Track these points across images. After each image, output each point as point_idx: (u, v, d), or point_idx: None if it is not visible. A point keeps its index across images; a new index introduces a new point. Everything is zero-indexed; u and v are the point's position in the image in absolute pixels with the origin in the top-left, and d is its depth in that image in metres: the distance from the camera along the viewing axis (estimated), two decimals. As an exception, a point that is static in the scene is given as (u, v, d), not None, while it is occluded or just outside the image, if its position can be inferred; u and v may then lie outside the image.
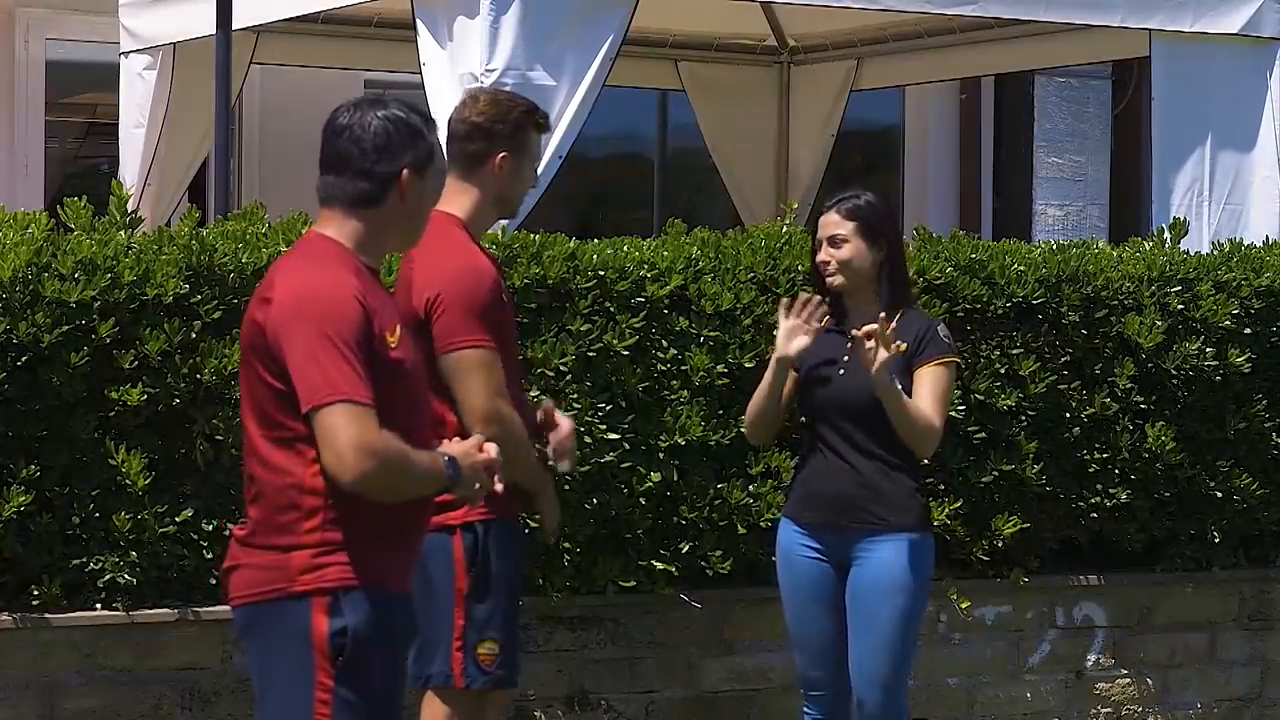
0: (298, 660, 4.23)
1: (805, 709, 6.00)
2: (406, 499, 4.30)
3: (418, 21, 8.19)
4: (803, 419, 6.02)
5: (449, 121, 5.50)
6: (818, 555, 5.90)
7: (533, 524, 5.94)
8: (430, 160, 4.44)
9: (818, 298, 5.86)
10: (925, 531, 5.89)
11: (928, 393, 5.80)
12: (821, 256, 5.90)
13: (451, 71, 8.00)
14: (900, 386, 5.73)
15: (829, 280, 5.90)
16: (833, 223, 5.89)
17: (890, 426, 5.76)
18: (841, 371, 5.85)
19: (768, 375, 5.93)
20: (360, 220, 4.38)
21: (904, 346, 5.74)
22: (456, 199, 5.41)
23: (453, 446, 4.43)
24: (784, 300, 5.93)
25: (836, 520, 5.85)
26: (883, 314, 5.68)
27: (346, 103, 4.46)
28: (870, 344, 5.63)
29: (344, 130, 4.39)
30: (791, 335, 5.82)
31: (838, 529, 5.85)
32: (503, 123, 5.45)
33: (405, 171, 4.38)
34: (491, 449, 4.47)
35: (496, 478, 4.50)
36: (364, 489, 4.18)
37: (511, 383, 5.46)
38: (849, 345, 5.82)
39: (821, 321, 5.85)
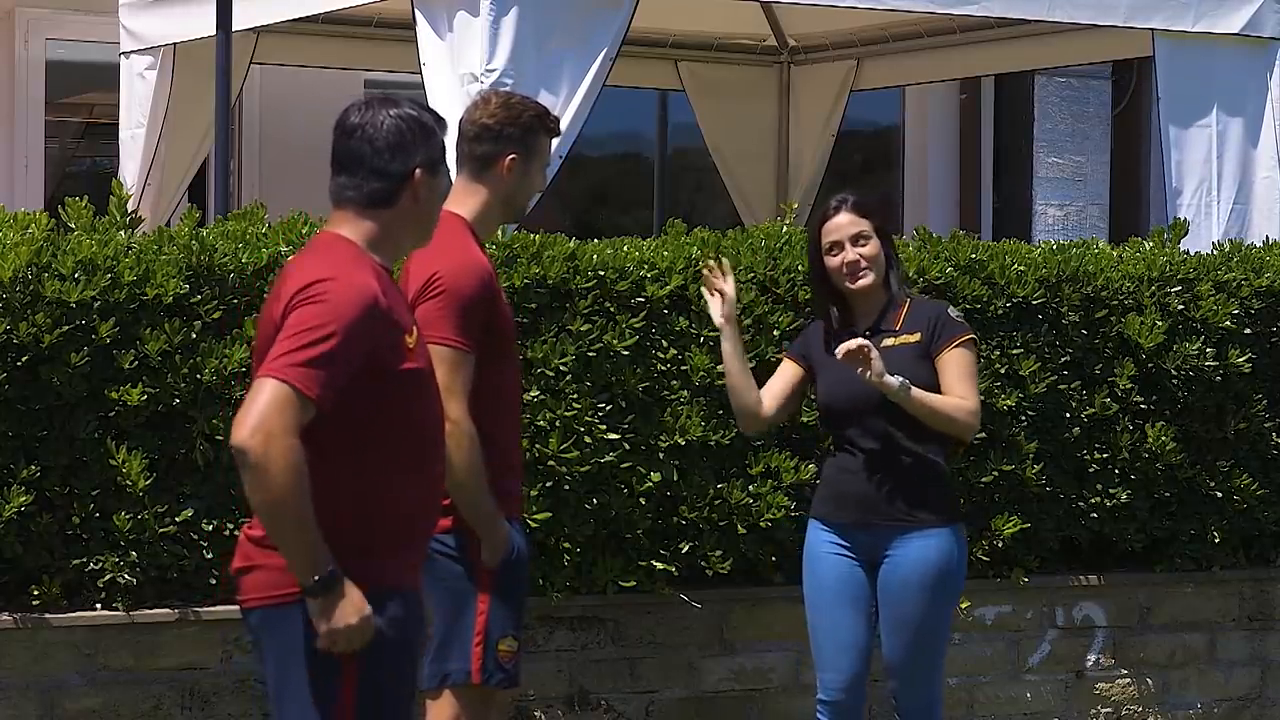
0: (319, 661, 4.22)
1: (819, 714, 5.98)
2: (262, 511, 4.14)
3: (418, 21, 8.18)
4: (827, 420, 6.01)
5: (460, 122, 5.48)
6: (846, 554, 5.87)
7: (533, 523, 5.94)
8: (443, 159, 4.42)
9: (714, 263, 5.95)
10: (956, 525, 5.88)
11: (955, 376, 5.78)
12: (849, 257, 5.83)
13: (452, 71, 8.00)
14: (913, 379, 5.72)
15: (860, 281, 5.85)
16: (849, 222, 5.85)
17: (914, 421, 5.74)
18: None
19: (724, 348, 5.95)
20: (374, 220, 4.35)
21: (899, 344, 5.76)
22: (464, 199, 5.40)
23: (345, 608, 4.18)
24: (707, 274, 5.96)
25: (866, 518, 5.83)
26: (858, 339, 5.68)
27: (357, 101, 4.42)
28: (859, 369, 5.65)
29: (356, 129, 4.36)
30: (715, 305, 5.93)
31: (868, 527, 5.83)
32: (513, 125, 5.42)
33: (418, 170, 4.36)
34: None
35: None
36: (238, 461, 4.07)
37: (511, 385, 5.45)
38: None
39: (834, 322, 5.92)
